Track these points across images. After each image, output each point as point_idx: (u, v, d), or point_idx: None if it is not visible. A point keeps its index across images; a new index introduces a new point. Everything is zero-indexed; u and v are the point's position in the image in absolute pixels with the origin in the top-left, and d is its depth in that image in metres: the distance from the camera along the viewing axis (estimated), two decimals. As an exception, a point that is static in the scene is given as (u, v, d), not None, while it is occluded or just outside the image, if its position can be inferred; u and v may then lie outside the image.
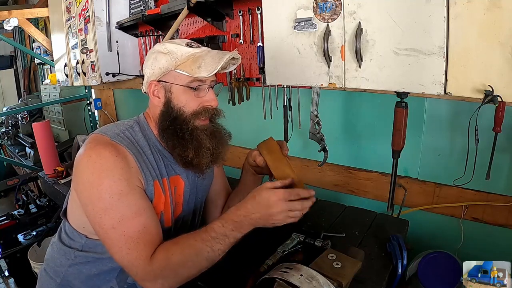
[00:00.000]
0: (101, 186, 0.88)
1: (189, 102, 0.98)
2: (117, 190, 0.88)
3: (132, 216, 0.88)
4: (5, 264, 2.14)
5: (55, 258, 1.08)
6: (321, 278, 0.90)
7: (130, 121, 1.05)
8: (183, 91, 0.97)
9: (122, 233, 0.87)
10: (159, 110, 1.01)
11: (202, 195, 1.19)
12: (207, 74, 0.93)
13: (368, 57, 1.04)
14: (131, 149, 0.95)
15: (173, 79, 0.97)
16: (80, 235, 1.02)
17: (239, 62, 1.05)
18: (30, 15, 3.31)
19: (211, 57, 0.95)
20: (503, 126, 0.97)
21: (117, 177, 0.88)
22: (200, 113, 0.98)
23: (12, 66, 5.74)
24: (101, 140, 0.94)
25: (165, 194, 1.01)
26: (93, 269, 1.02)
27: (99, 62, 2.38)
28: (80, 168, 0.91)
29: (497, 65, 0.85)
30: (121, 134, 0.97)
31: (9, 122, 4.34)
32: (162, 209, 1.01)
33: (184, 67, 0.95)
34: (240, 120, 2.04)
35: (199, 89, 0.97)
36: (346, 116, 1.71)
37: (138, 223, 0.88)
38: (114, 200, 0.88)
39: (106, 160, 0.89)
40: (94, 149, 0.91)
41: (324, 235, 1.23)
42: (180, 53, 0.97)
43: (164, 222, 1.03)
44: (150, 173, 0.97)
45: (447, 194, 1.45)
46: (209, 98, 0.99)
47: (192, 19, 2.02)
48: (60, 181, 2.18)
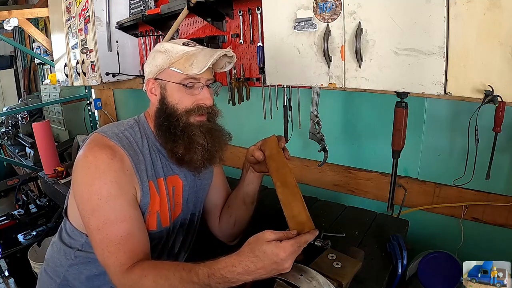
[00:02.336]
0: (91, 187, 0.89)
1: (182, 99, 0.98)
2: (106, 193, 0.88)
3: (116, 221, 0.88)
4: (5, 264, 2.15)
5: (55, 258, 1.08)
6: (321, 278, 0.90)
7: (131, 121, 1.05)
8: (177, 88, 0.98)
9: (105, 236, 0.88)
10: (155, 107, 1.02)
11: (202, 195, 1.19)
12: (198, 71, 0.93)
13: (368, 57, 1.04)
14: (128, 150, 0.95)
15: (168, 76, 0.99)
16: (81, 234, 1.03)
17: (234, 60, 1.05)
18: (30, 15, 3.31)
19: (203, 55, 0.96)
20: (503, 126, 0.97)
21: (108, 180, 0.89)
22: (193, 110, 0.98)
23: (12, 66, 5.74)
24: (99, 141, 0.95)
25: (160, 194, 1.01)
26: (93, 270, 1.02)
27: (99, 62, 2.38)
28: (77, 168, 0.94)
29: (497, 65, 0.85)
30: (120, 134, 0.98)
31: (9, 122, 4.35)
32: (157, 209, 1.01)
33: (178, 64, 0.97)
34: (240, 120, 2.04)
35: (193, 87, 0.98)
36: (346, 116, 1.71)
37: (121, 229, 0.88)
38: (101, 202, 0.88)
39: (101, 162, 0.90)
40: (91, 150, 0.93)
41: (324, 235, 1.23)
42: (175, 51, 0.98)
43: (161, 222, 1.03)
44: (146, 173, 0.98)
45: (447, 194, 1.45)
46: (203, 96, 0.99)
47: (192, 19, 2.02)
48: (60, 181, 2.18)
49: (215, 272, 0.79)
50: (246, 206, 1.17)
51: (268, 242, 0.77)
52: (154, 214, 1.01)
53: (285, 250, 0.77)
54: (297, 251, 0.79)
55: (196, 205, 1.17)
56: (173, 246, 1.12)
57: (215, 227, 1.24)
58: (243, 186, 1.17)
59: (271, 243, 0.77)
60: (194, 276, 0.80)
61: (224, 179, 1.27)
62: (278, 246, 0.77)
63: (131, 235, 0.89)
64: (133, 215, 0.92)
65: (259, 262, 0.77)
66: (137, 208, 0.95)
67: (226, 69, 1.07)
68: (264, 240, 0.78)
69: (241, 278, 0.79)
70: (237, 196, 1.18)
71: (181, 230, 1.13)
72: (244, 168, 1.17)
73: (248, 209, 1.17)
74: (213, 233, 1.25)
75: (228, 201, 1.22)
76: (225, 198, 1.24)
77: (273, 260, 0.77)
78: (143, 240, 0.93)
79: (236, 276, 0.79)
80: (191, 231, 1.18)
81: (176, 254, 1.14)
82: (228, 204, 1.22)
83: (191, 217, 1.16)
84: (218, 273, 0.79)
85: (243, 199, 1.17)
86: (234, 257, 0.80)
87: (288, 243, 0.77)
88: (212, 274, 0.79)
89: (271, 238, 0.78)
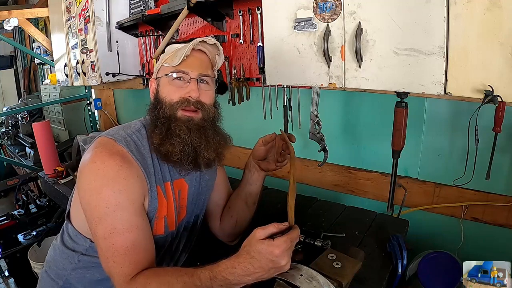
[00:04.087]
0: (100, 194, 0.87)
1: (170, 92, 0.98)
2: (114, 202, 0.87)
3: (123, 231, 0.87)
4: (5, 264, 2.14)
5: (57, 261, 1.07)
6: (321, 278, 0.90)
7: (138, 123, 1.04)
8: (166, 82, 0.99)
9: (111, 245, 0.87)
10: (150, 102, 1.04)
11: (205, 196, 1.18)
12: (178, 61, 0.96)
13: (368, 57, 1.04)
14: (137, 155, 0.94)
15: (161, 73, 1.02)
16: (85, 238, 1.01)
17: (220, 49, 1.04)
18: (30, 15, 3.31)
19: (185, 46, 0.98)
20: (503, 126, 0.97)
21: (117, 188, 0.87)
22: (178, 103, 0.96)
23: (12, 66, 5.74)
24: (107, 145, 0.92)
25: (167, 198, 1.00)
26: (96, 274, 1.01)
27: (99, 62, 2.38)
28: (84, 173, 0.91)
29: (497, 65, 0.85)
30: (127, 138, 0.96)
31: (9, 122, 4.35)
32: (165, 214, 1.00)
33: (168, 60, 1.00)
34: (240, 120, 2.04)
35: (181, 80, 0.97)
36: (346, 116, 1.71)
37: (127, 239, 0.87)
38: (109, 211, 0.87)
39: (110, 169, 0.88)
40: (100, 155, 0.90)
41: (324, 235, 1.23)
42: (169, 50, 1.02)
43: (168, 226, 1.03)
44: (155, 177, 0.97)
45: (447, 194, 1.46)
46: (189, 89, 0.96)
47: (192, 19, 2.02)
48: (60, 181, 2.18)
49: (217, 275, 0.80)
50: (248, 207, 1.17)
51: (261, 241, 0.77)
52: (161, 219, 1.00)
53: (278, 247, 0.76)
54: (290, 247, 0.79)
55: (199, 206, 1.16)
56: (177, 248, 1.12)
57: (215, 227, 1.24)
58: (245, 187, 1.16)
59: (264, 242, 0.77)
60: (197, 280, 0.81)
61: (226, 179, 1.27)
62: (271, 244, 0.77)
63: (137, 245, 0.88)
64: (140, 225, 0.91)
65: (256, 262, 0.77)
66: (144, 216, 0.94)
67: (219, 63, 1.06)
68: (256, 240, 0.78)
69: (242, 280, 0.79)
70: (238, 197, 1.18)
71: (185, 233, 1.13)
72: (247, 168, 1.16)
73: (249, 209, 1.17)
74: (213, 233, 1.25)
75: (230, 202, 1.22)
76: (226, 198, 1.24)
77: (269, 259, 0.77)
78: (149, 249, 0.92)
79: (237, 277, 0.79)
80: (193, 232, 1.17)
81: (178, 256, 1.14)
82: (229, 205, 1.21)
83: (194, 218, 1.15)
84: (219, 275, 0.79)
85: (245, 199, 1.16)
86: (233, 259, 0.80)
87: (281, 239, 0.77)
88: (214, 276, 0.80)
89: (261, 235, 0.78)
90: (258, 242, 0.77)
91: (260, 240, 0.77)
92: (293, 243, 0.79)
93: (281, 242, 0.77)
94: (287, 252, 0.78)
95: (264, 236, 0.78)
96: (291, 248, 0.79)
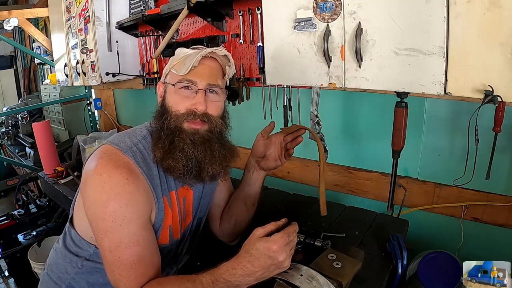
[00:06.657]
0: (106, 208, 0.85)
1: (177, 102, 0.94)
2: (121, 216, 0.85)
3: (129, 245, 0.86)
4: (5, 264, 2.14)
5: (59, 264, 1.06)
6: (321, 278, 0.90)
7: (144, 130, 1.00)
8: (173, 90, 0.95)
9: (117, 258, 0.86)
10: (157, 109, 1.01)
11: (209, 199, 1.17)
12: (185, 71, 0.91)
13: (368, 57, 1.04)
14: (143, 167, 0.91)
15: (169, 78, 0.98)
16: (89, 244, 1.00)
17: (231, 60, 1.00)
18: (30, 15, 3.31)
19: (195, 55, 0.93)
20: (503, 126, 0.97)
21: (123, 202, 0.86)
22: (184, 115, 0.93)
23: (12, 66, 5.74)
24: (113, 155, 0.90)
25: (172, 208, 0.99)
26: (100, 279, 1.01)
27: (99, 62, 2.37)
28: (90, 184, 0.88)
29: (497, 65, 0.85)
30: (133, 147, 0.93)
31: (9, 122, 4.35)
32: (170, 223, 1.00)
33: (176, 66, 0.95)
34: (240, 120, 2.03)
35: (188, 89, 0.94)
36: (346, 116, 1.71)
37: (133, 253, 0.86)
38: (116, 225, 0.85)
39: (116, 182, 0.86)
40: (105, 168, 0.87)
41: (324, 235, 1.23)
42: (178, 54, 0.98)
43: (173, 235, 1.02)
44: (161, 188, 0.95)
45: (447, 194, 1.46)
46: (196, 100, 0.93)
47: (192, 19, 2.02)
48: (60, 181, 2.18)
49: (218, 278, 0.80)
50: (247, 208, 1.17)
51: (259, 239, 0.78)
52: (166, 229, 0.99)
53: (275, 242, 0.77)
54: (288, 242, 0.79)
55: (203, 210, 1.16)
56: (180, 252, 1.12)
57: (215, 228, 1.24)
58: (244, 187, 1.16)
59: (262, 239, 0.78)
60: (199, 285, 0.82)
61: (227, 180, 1.25)
62: (268, 240, 0.78)
63: (142, 259, 0.88)
64: (146, 238, 0.90)
65: (255, 260, 0.78)
66: (150, 229, 0.93)
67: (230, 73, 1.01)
68: (255, 238, 0.79)
69: (243, 280, 0.80)
70: (238, 197, 1.18)
71: (189, 237, 1.13)
72: (247, 169, 1.16)
73: (248, 210, 1.17)
74: (213, 233, 1.25)
75: (229, 202, 1.22)
76: (227, 199, 1.23)
77: (267, 255, 0.77)
78: (154, 261, 0.91)
79: (238, 278, 0.79)
80: (197, 235, 1.17)
81: (181, 258, 1.14)
82: (228, 205, 1.21)
83: (198, 221, 1.15)
84: (221, 278, 0.80)
85: (244, 200, 1.16)
86: (233, 260, 0.81)
87: (278, 235, 0.78)
88: (215, 280, 0.81)
89: (261, 233, 0.80)
90: (257, 240, 0.79)
91: (259, 238, 0.79)
92: (290, 237, 0.80)
93: (278, 237, 0.78)
94: (284, 247, 0.78)
95: (264, 234, 0.80)
96: (289, 244, 0.79)
